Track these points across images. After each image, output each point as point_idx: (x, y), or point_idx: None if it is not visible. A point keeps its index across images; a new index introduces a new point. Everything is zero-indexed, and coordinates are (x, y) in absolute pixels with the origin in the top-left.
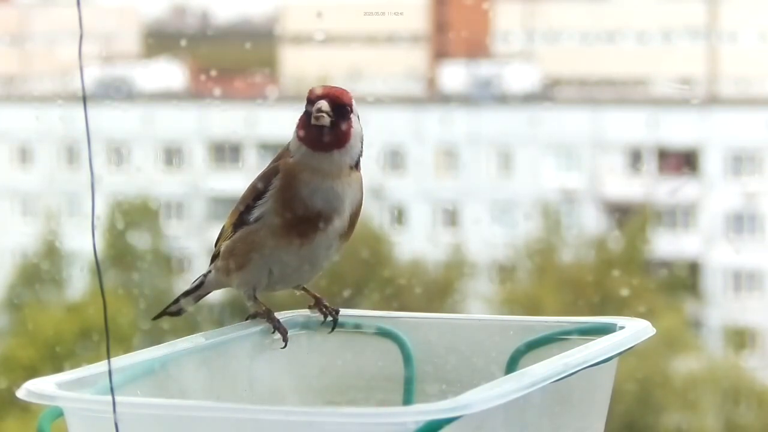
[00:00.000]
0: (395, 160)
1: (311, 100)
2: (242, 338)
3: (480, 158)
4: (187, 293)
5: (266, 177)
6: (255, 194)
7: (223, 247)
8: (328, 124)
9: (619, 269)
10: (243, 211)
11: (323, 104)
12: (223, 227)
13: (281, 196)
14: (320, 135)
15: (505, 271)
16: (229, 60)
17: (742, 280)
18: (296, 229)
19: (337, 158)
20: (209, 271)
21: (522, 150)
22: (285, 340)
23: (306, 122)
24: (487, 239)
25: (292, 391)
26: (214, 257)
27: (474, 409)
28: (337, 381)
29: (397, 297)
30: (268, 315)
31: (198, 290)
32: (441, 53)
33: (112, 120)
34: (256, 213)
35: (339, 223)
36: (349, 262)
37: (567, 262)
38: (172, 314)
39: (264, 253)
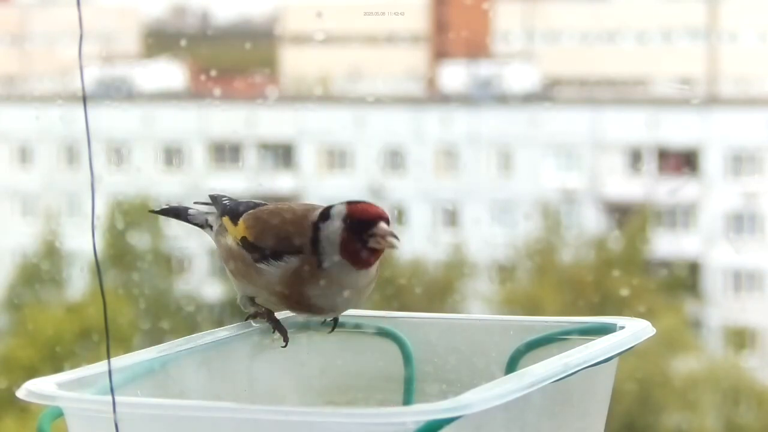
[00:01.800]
0: (395, 160)
1: (364, 221)
2: (242, 338)
3: (480, 158)
4: (187, 212)
5: (285, 243)
6: (267, 246)
7: (227, 239)
8: (398, 247)
9: (619, 269)
10: (251, 245)
11: (387, 228)
12: (240, 217)
13: (291, 280)
14: (371, 257)
15: (505, 271)
16: (229, 60)
17: (742, 280)
18: (292, 303)
19: (372, 271)
20: (210, 225)
21: (522, 150)
22: (285, 339)
23: (357, 243)
24: (487, 239)
25: (292, 391)
26: (219, 216)
27: (474, 409)
28: (337, 381)
29: (397, 297)
30: (268, 315)
31: (198, 223)
32: (441, 53)
33: (112, 120)
34: (262, 266)
35: (333, 314)
36: None
37: (567, 262)
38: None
39: (258, 291)
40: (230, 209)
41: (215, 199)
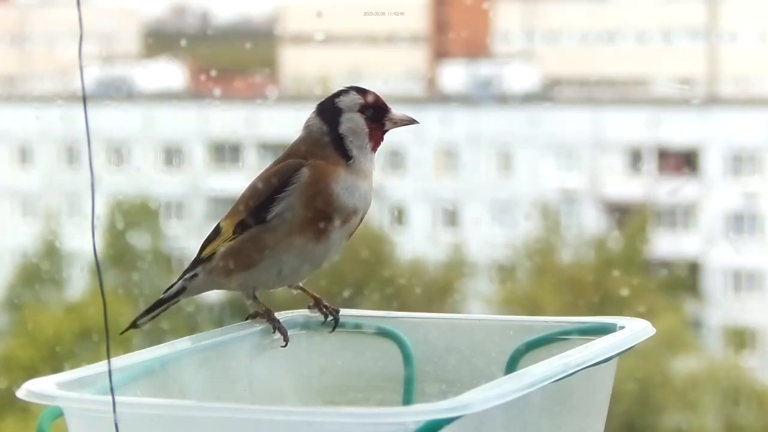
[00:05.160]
0: (395, 160)
1: (380, 107)
2: (242, 338)
3: (480, 158)
4: (163, 301)
5: (282, 173)
6: (270, 191)
7: (223, 248)
8: (418, 121)
9: (619, 269)
10: (252, 211)
11: (399, 113)
12: (218, 228)
13: (308, 190)
14: (381, 138)
15: (504, 271)
16: (229, 60)
17: (742, 280)
18: (316, 225)
19: (374, 158)
20: (194, 275)
21: (522, 150)
22: (286, 339)
23: (380, 129)
24: (487, 239)
25: (292, 391)
26: (199, 261)
27: (474, 409)
28: (337, 381)
29: (397, 297)
30: (268, 315)
31: (178, 296)
32: (441, 53)
33: (112, 120)
34: (275, 210)
35: (354, 221)
36: (349, 262)
37: (567, 262)
38: (135, 327)
39: (277, 251)
40: (199, 250)
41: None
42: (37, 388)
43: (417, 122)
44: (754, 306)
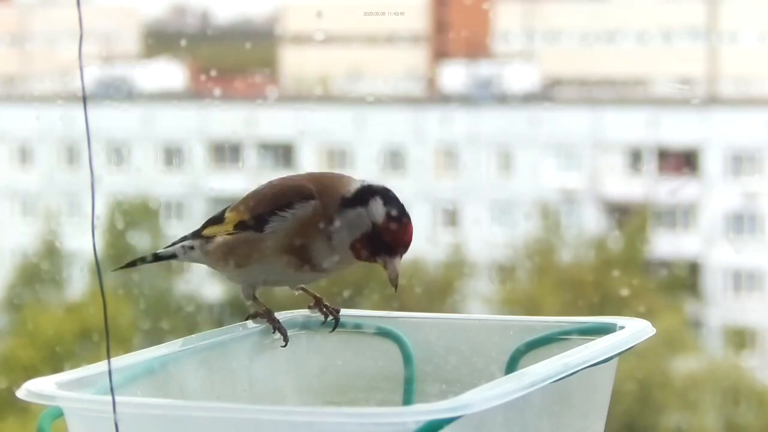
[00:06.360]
0: (395, 160)
1: (390, 246)
2: (242, 338)
3: (480, 158)
4: (157, 257)
5: (292, 195)
6: (273, 205)
7: (221, 238)
8: (394, 291)
9: (619, 269)
10: (254, 215)
11: (398, 269)
12: (224, 215)
13: (301, 226)
14: (362, 258)
15: (504, 271)
16: (229, 60)
17: (742, 280)
18: (297, 257)
19: (349, 258)
20: (192, 247)
21: (522, 150)
22: (285, 339)
23: (367, 252)
24: (487, 239)
25: (292, 391)
26: (198, 235)
27: (474, 409)
28: (337, 381)
29: (397, 297)
30: (268, 315)
31: (170, 259)
32: (441, 53)
33: (112, 120)
34: (272, 225)
35: (324, 274)
36: None
37: (567, 262)
38: (130, 265)
39: (263, 263)
40: (203, 225)
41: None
42: (37, 388)
43: (395, 288)
44: (754, 306)
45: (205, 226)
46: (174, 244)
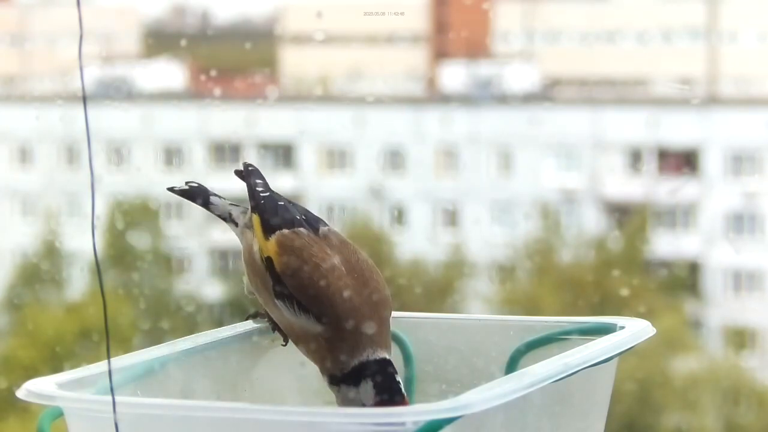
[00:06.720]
0: (395, 160)
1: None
2: (242, 338)
3: (480, 158)
4: (207, 203)
5: (321, 305)
6: (306, 300)
7: (254, 244)
8: None
9: (619, 269)
10: (280, 280)
11: None
12: (274, 231)
13: (302, 335)
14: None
15: (504, 271)
16: (229, 60)
17: (742, 280)
18: (290, 336)
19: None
20: (235, 223)
21: (522, 150)
22: (285, 339)
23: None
24: (487, 239)
25: (292, 391)
26: (246, 213)
27: (474, 409)
28: None
29: (397, 297)
30: (268, 315)
31: (205, 207)
32: (441, 53)
33: (112, 120)
34: (287, 308)
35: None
36: None
37: (567, 262)
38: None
39: (264, 304)
40: (264, 208)
41: (249, 173)
42: (37, 388)
43: None
44: (754, 306)
45: (257, 210)
46: (221, 198)
